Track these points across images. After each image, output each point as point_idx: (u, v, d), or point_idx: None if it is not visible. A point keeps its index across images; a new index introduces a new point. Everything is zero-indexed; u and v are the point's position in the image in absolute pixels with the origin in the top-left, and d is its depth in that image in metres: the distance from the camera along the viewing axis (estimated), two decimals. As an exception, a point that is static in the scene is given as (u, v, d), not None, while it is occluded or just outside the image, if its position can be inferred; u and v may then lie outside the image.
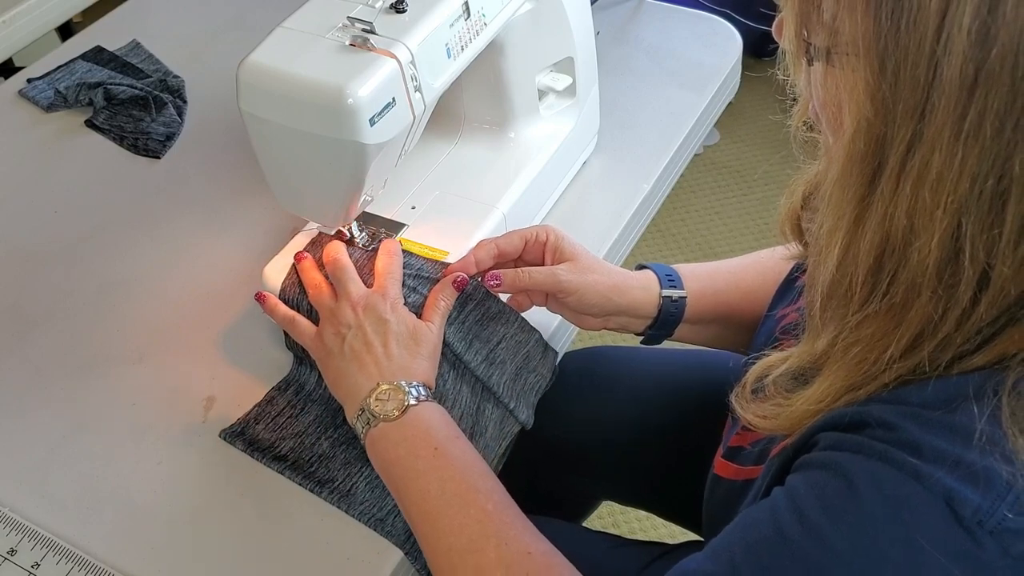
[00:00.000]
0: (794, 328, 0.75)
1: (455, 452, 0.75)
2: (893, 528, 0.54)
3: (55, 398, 0.90)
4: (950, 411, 0.55)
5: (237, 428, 0.86)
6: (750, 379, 0.69)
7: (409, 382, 0.79)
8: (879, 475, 0.55)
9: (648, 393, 1.07)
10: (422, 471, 0.74)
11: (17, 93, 1.22)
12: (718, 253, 2.22)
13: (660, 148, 1.13)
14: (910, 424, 0.56)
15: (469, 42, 0.85)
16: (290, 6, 0.81)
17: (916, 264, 0.56)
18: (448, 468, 0.74)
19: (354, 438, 0.85)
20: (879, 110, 0.55)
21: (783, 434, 0.65)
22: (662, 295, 0.90)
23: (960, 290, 0.55)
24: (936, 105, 0.52)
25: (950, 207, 0.54)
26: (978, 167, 0.52)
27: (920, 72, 0.52)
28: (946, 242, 0.55)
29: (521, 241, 0.89)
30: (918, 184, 0.54)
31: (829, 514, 0.56)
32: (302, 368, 0.89)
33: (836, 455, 0.58)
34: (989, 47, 0.50)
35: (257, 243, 1.02)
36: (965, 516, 0.53)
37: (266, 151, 0.83)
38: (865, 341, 0.59)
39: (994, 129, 0.52)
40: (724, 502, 0.77)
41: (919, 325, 0.57)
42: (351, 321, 0.82)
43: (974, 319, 0.56)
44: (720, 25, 1.31)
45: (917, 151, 0.54)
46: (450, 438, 0.76)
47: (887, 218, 0.56)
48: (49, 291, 1.00)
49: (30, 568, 0.77)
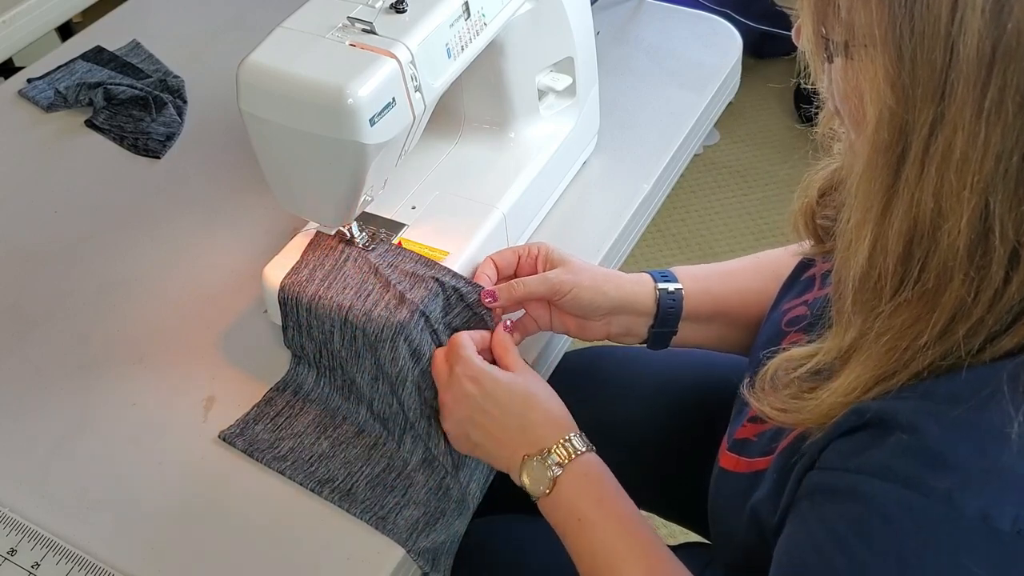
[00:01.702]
0: (799, 321, 0.76)
1: (598, 520, 0.76)
2: (935, 557, 0.54)
3: (55, 398, 0.90)
4: (980, 407, 0.55)
5: (236, 429, 0.86)
6: (768, 372, 0.69)
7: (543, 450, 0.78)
8: (910, 504, 0.55)
9: (649, 393, 1.07)
10: (571, 544, 0.76)
11: (17, 93, 1.22)
12: (718, 253, 2.22)
13: (660, 148, 1.13)
14: (933, 427, 0.55)
15: (469, 42, 0.85)
16: (290, 6, 0.81)
17: (946, 248, 0.56)
18: (592, 541, 0.75)
19: (354, 437, 0.85)
20: (900, 97, 0.55)
21: (802, 427, 0.65)
22: (658, 288, 0.90)
23: (992, 270, 0.55)
24: (955, 86, 0.53)
25: (976, 187, 0.54)
26: (1002, 144, 0.53)
27: (937, 55, 0.53)
28: (975, 222, 0.54)
29: (514, 256, 0.90)
30: (943, 166, 0.54)
31: (871, 547, 0.56)
32: (300, 368, 0.89)
33: (862, 481, 0.57)
34: (1004, 23, 0.51)
35: (257, 243, 1.02)
36: (1005, 529, 0.53)
37: (266, 151, 0.83)
38: (896, 329, 0.59)
39: (1015, 105, 0.52)
40: (731, 495, 0.77)
41: (952, 309, 0.57)
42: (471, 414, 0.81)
43: (1006, 299, 0.56)
44: (720, 25, 1.31)
45: (940, 133, 0.54)
46: (592, 504, 0.76)
47: (914, 204, 0.56)
48: (49, 291, 1.00)
49: (30, 568, 0.77)
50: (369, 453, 0.84)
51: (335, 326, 0.85)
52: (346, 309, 0.85)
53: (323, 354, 0.88)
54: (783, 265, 0.87)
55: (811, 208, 0.78)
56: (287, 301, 0.88)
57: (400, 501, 0.81)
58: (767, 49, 2.48)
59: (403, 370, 0.84)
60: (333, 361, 0.87)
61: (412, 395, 0.84)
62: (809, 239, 0.80)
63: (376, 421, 0.86)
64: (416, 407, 0.84)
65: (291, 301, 0.87)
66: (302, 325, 0.88)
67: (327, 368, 0.88)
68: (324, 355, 0.88)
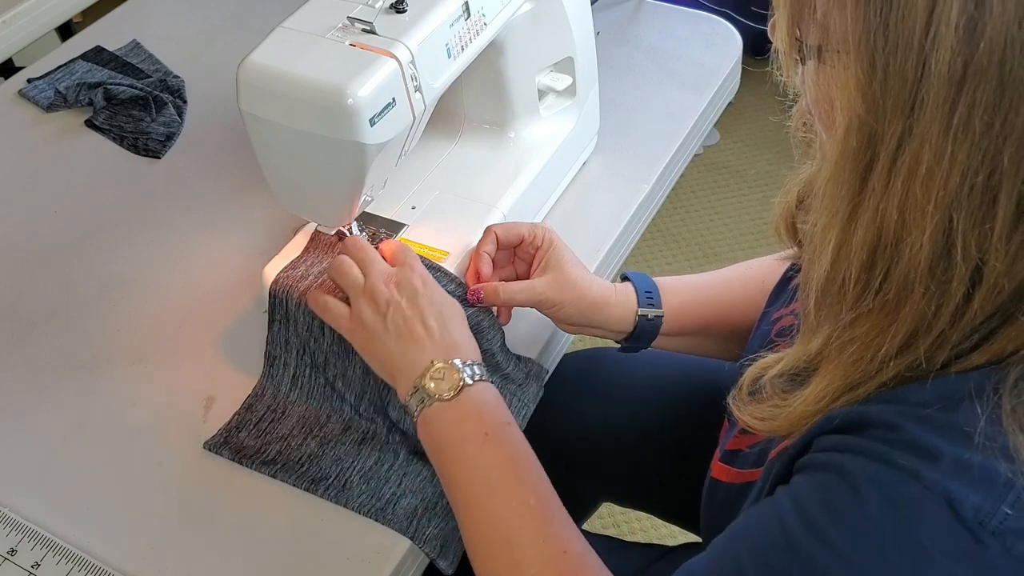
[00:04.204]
0: (790, 331, 0.75)
1: (505, 439, 0.74)
2: (896, 530, 0.54)
3: (55, 398, 0.90)
4: (950, 409, 0.55)
5: (220, 438, 0.85)
6: (746, 381, 0.69)
7: (464, 361, 0.77)
8: (880, 477, 0.55)
9: (649, 395, 1.07)
10: (471, 456, 0.74)
11: (17, 93, 1.22)
12: (718, 253, 2.22)
13: (660, 148, 1.13)
14: (911, 424, 0.56)
15: (469, 42, 0.85)
16: (290, 6, 0.81)
17: (908, 260, 0.56)
18: (496, 456, 0.74)
19: (341, 433, 0.85)
20: (870, 106, 0.55)
21: (781, 436, 0.65)
22: (638, 314, 0.90)
23: (953, 286, 0.55)
24: (925, 101, 0.52)
25: (941, 202, 0.54)
26: (968, 162, 0.53)
27: (909, 68, 0.52)
28: (938, 238, 0.55)
29: (518, 238, 0.90)
30: (909, 179, 0.54)
31: (833, 516, 0.56)
32: (274, 370, 0.89)
33: (838, 457, 0.58)
34: (977, 42, 0.51)
35: (257, 243, 1.02)
36: (966, 516, 0.53)
37: (266, 151, 0.83)
38: (860, 339, 0.60)
39: (983, 124, 0.52)
40: (722, 506, 0.77)
41: (913, 322, 0.57)
42: (387, 297, 0.80)
43: (968, 315, 0.56)
44: (720, 25, 1.31)
45: (907, 146, 0.54)
46: (501, 424, 0.75)
47: (879, 214, 0.56)
48: (49, 291, 1.00)
49: (30, 568, 0.77)
50: (359, 448, 0.84)
51: (324, 323, 0.85)
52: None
53: (307, 351, 0.88)
54: (770, 275, 0.87)
55: (791, 213, 0.78)
56: (278, 294, 0.87)
57: (396, 491, 0.81)
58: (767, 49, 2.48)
59: None
60: (317, 359, 0.87)
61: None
62: (791, 244, 0.80)
63: (362, 417, 0.86)
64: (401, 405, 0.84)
65: (282, 294, 0.87)
66: (290, 320, 0.87)
67: (308, 366, 0.88)
68: (307, 352, 0.88)
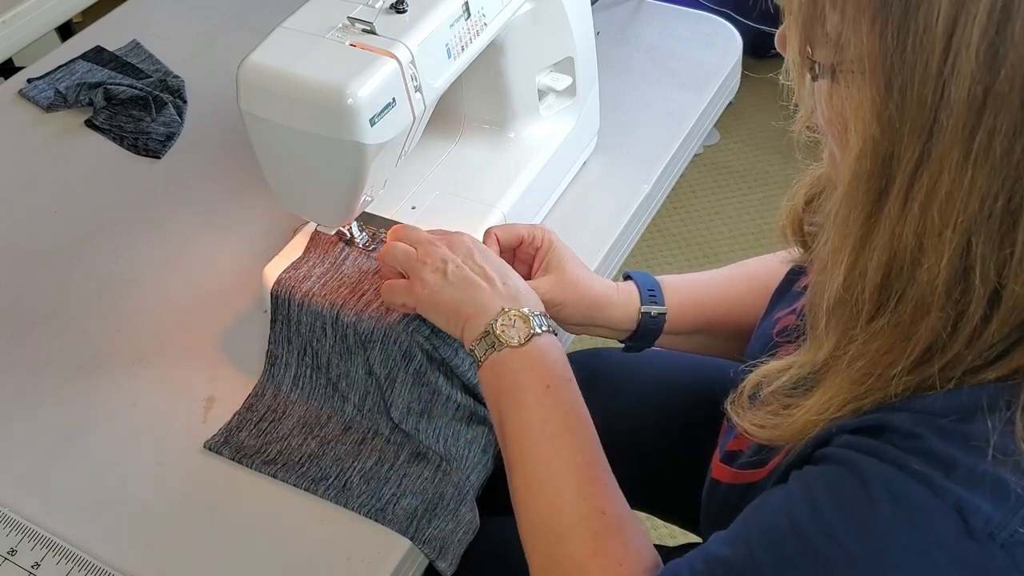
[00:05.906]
0: (791, 332, 0.75)
1: (563, 394, 0.75)
2: (904, 533, 0.54)
3: (55, 398, 0.90)
4: (965, 421, 0.55)
5: (220, 438, 0.85)
6: (747, 387, 0.69)
7: (533, 311, 0.78)
8: (892, 479, 0.55)
9: (649, 395, 1.06)
10: (530, 405, 0.75)
11: (17, 93, 1.22)
12: (718, 253, 2.22)
13: (660, 148, 1.13)
14: (930, 433, 0.55)
15: (469, 42, 0.85)
16: (290, 6, 0.81)
17: (925, 284, 0.55)
18: (554, 408, 0.75)
19: (342, 434, 0.85)
20: (885, 129, 0.54)
21: (779, 443, 0.65)
22: (641, 311, 0.90)
23: (971, 309, 0.55)
24: (944, 125, 0.52)
25: (959, 227, 0.53)
26: (988, 187, 0.52)
27: (927, 92, 0.52)
28: (955, 262, 0.54)
29: (517, 239, 0.90)
30: (927, 204, 0.54)
31: (841, 511, 0.56)
32: (275, 369, 0.89)
33: (852, 454, 0.57)
34: (998, 68, 0.50)
35: (257, 243, 1.02)
36: (976, 527, 0.53)
37: (266, 151, 0.83)
38: (871, 355, 0.59)
39: (1003, 149, 0.51)
40: (723, 506, 0.77)
41: (927, 342, 0.56)
42: (444, 255, 0.81)
43: (986, 336, 0.55)
44: (720, 25, 1.31)
45: (925, 171, 0.53)
46: (563, 378, 0.76)
47: (895, 237, 0.55)
48: (49, 291, 1.00)
49: (30, 568, 0.77)
50: (359, 449, 0.84)
51: (327, 324, 0.86)
52: (338, 307, 0.85)
53: (308, 352, 0.88)
54: (773, 273, 0.87)
55: (798, 215, 0.77)
56: (280, 294, 0.88)
57: (396, 492, 0.81)
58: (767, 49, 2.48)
59: (392, 371, 0.84)
60: (318, 360, 0.87)
61: (401, 395, 0.84)
62: (797, 246, 0.79)
63: (365, 417, 0.86)
64: (404, 407, 0.84)
65: (284, 294, 0.87)
66: (292, 320, 0.88)
67: (309, 367, 0.88)
68: (309, 352, 0.88)
